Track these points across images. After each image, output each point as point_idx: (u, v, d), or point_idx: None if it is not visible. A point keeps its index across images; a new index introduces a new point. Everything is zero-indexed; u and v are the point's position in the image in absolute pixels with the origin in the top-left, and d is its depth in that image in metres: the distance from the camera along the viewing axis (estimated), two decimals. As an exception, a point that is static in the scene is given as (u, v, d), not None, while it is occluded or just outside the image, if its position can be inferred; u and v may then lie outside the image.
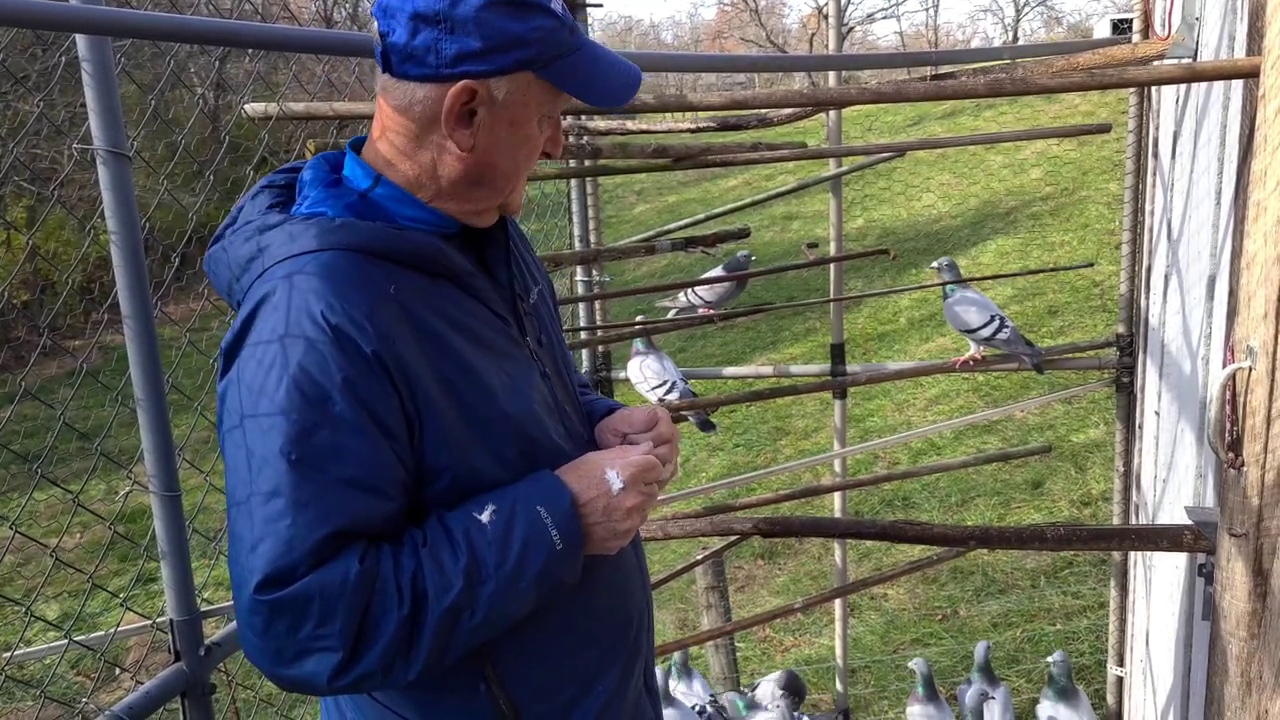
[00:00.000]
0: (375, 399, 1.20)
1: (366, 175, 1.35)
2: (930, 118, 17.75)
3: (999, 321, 3.52)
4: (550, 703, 1.38)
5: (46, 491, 7.30)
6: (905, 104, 18.02)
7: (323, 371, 1.19)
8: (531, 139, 1.34)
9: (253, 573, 1.17)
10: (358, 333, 1.20)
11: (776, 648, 5.56)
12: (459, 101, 1.27)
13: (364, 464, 1.20)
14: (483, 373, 1.30)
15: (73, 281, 2.50)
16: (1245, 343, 1.40)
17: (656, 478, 1.36)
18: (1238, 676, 1.48)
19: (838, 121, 3.97)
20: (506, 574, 1.23)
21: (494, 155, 1.32)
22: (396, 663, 1.21)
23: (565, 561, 1.28)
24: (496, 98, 1.29)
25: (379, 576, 1.19)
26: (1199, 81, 2.06)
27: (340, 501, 1.19)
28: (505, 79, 1.28)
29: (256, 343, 1.22)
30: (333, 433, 1.18)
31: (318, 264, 1.23)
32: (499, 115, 1.30)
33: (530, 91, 1.30)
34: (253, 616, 1.18)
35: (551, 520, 1.26)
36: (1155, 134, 3.49)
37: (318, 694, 1.27)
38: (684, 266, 12.20)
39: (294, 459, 1.17)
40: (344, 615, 1.17)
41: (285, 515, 1.17)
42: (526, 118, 1.32)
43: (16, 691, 5.59)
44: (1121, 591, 3.94)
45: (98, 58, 1.84)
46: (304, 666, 1.20)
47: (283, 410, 1.18)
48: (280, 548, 1.17)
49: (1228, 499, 1.47)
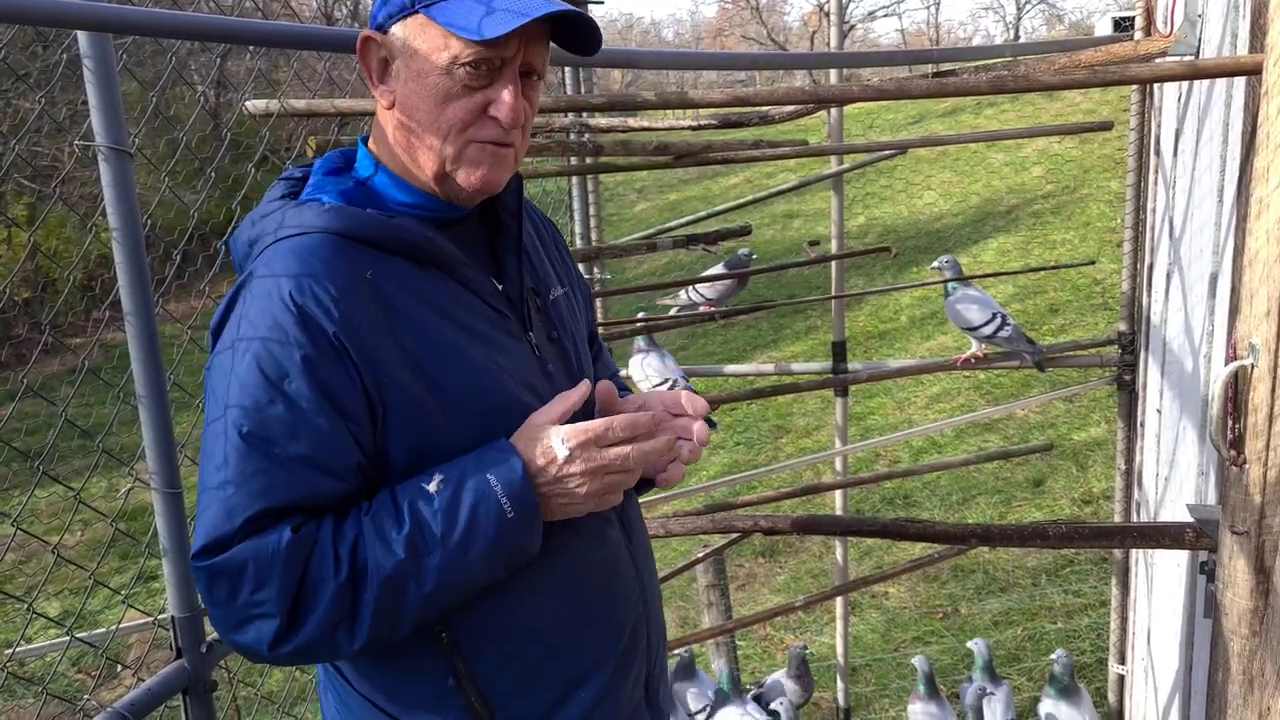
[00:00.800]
0: (334, 380, 1.22)
1: (370, 164, 1.39)
2: (931, 116, 17.75)
3: (1000, 319, 3.52)
4: (526, 704, 1.37)
5: (48, 489, 7.30)
6: (906, 102, 17.98)
7: (284, 350, 1.21)
8: (442, 88, 1.30)
9: (197, 538, 1.21)
10: (322, 314, 1.22)
11: (777, 646, 5.56)
12: (367, 55, 1.33)
13: (316, 443, 1.22)
14: (462, 360, 1.30)
15: (74, 279, 2.49)
16: (1247, 340, 1.40)
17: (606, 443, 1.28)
18: (1239, 674, 1.48)
19: (839, 119, 3.97)
20: (455, 543, 1.22)
21: (410, 107, 1.32)
22: (339, 631, 1.22)
23: (521, 530, 1.26)
24: (394, 45, 1.32)
25: (316, 543, 1.21)
26: (1201, 79, 2.06)
27: (288, 479, 1.21)
28: (400, 24, 1.31)
29: (234, 322, 1.26)
30: (287, 409, 1.21)
31: (296, 246, 1.27)
32: (407, 64, 1.31)
33: (426, 34, 1.29)
34: (198, 583, 1.23)
35: (502, 488, 1.24)
36: (1157, 131, 3.49)
37: (264, 662, 1.28)
38: (685, 264, 12.20)
39: (245, 431, 1.20)
40: (278, 581, 1.19)
41: (229, 485, 1.20)
42: (431, 65, 1.29)
43: (18, 689, 5.59)
44: (1123, 590, 3.94)
45: (99, 54, 1.84)
46: (247, 633, 1.22)
47: (243, 386, 1.21)
48: (220, 516, 1.20)
49: (1229, 497, 1.47)
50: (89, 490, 7.44)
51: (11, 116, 10.02)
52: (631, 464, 1.29)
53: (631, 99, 2.42)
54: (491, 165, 1.34)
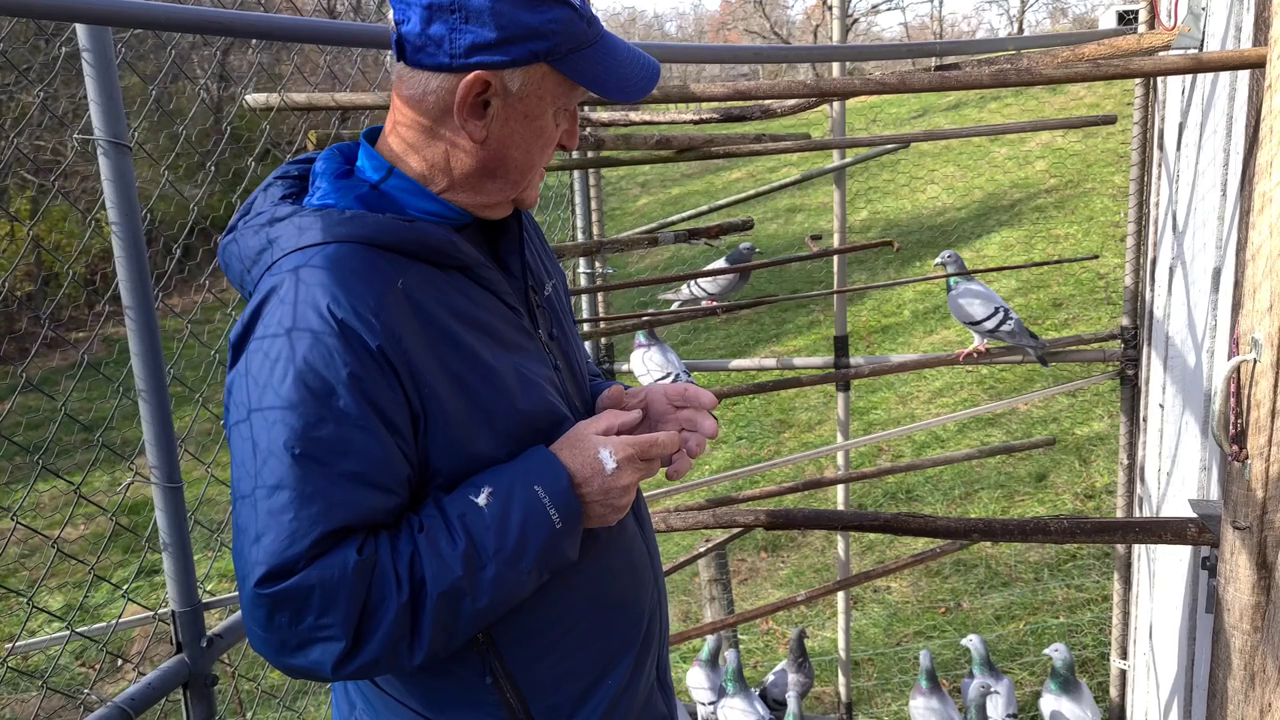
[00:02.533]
0: (380, 394, 1.20)
1: (379, 167, 1.34)
2: (934, 110, 17.73)
3: (1003, 313, 3.51)
4: (559, 695, 1.38)
5: (49, 483, 7.31)
6: (909, 97, 17.92)
7: (328, 366, 1.18)
8: (546, 131, 1.32)
9: (255, 566, 1.17)
10: (363, 327, 1.19)
11: (779, 640, 5.56)
12: (472, 92, 1.26)
13: (368, 459, 1.19)
14: (494, 366, 1.29)
15: (74, 273, 2.49)
16: (1250, 335, 1.40)
17: (653, 455, 1.34)
18: (1241, 670, 1.47)
19: (842, 113, 3.96)
20: (506, 556, 1.23)
21: (507, 148, 1.31)
22: (400, 648, 1.21)
23: (566, 539, 1.28)
24: (510, 89, 1.27)
25: (377, 564, 1.19)
26: (1205, 72, 2.05)
27: (344, 497, 1.18)
28: (520, 70, 1.26)
29: (263, 336, 1.21)
30: (337, 427, 1.18)
31: (324, 257, 1.23)
32: (513, 107, 1.28)
33: (545, 84, 1.28)
34: (256, 610, 1.18)
35: (550, 499, 1.25)
36: (1161, 125, 3.48)
37: (324, 681, 1.28)
38: (687, 259, 12.19)
39: (298, 453, 1.17)
40: (345, 605, 1.17)
41: (288, 509, 1.17)
42: (541, 110, 1.30)
43: (20, 682, 5.60)
44: (1125, 585, 3.93)
45: (98, 48, 1.84)
46: (309, 656, 1.20)
47: (288, 404, 1.17)
48: (282, 541, 1.16)
49: (1232, 492, 1.46)
50: (90, 484, 7.44)
51: (13, 110, 10.02)
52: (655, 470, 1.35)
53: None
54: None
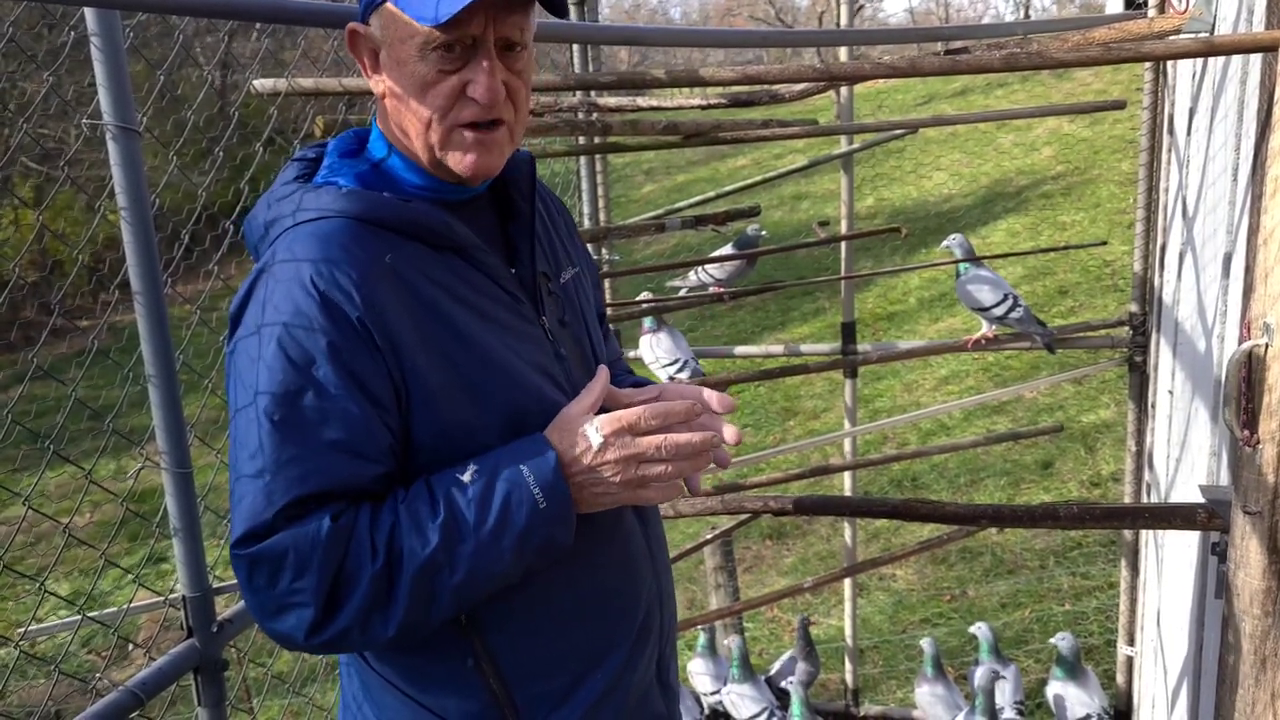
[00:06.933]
0: (361, 364, 1.22)
1: (384, 146, 1.38)
2: (940, 97, 17.65)
3: (1012, 300, 3.50)
4: (544, 684, 1.37)
5: (58, 470, 7.33)
6: (915, 84, 17.78)
7: (309, 336, 1.21)
8: (419, 75, 1.28)
9: (234, 527, 1.21)
10: (345, 299, 1.21)
11: (785, 628, 5.57)
12: (353, 46, 1.34)
13: (347, 428, 1.21)
14: (481, 345, 1.30)
15: (81, 260, 2.49)
16: (1261, 320, 1.39)
17: (639, 431, 1.27)
18: (1251, 654, 1.47)
19: (849, 99, 3.95)
20: (487, 532, 1.22)
21: (398, 96, 1.32)
22: (373, 618, 1.22)
23: (553, 521, 1.25)
24: (375, 35, 1.32)
25: (354, 532, 1.21)
26: (1216, 56, 2.04)
27: (321, 464, 1.21)
28: (375, 15, 1.31)
29: (254, 306, 1.25)
30: (317, 396, 1.20)
31: (315, 231, 1.26)
32: (390, 53, 1.31)
33: (396, 23, 1.28)
34: (237, 571, 1.23)
35: (535, 479, 1.24)
36: (1171, 110, 3.46)
37: (300, 650, 1.29)
38: (693, 245, 12.16)
39: (277, 419, 1.20)
40: (317, 570, 1.19)
41: (265, 473, 1.20)
42: (405, 55, 1.28)
43: (30, 669, 5.63)
44: (1132, 571, 3.93)
45: (106, 32, 1.84)
46: (284, 622, 1.22)
47: (271, 372, 1.21)
48: (259, 503, 1.20)
49: (1242, 477, 1.46)
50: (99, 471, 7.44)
51: (18, 98, 10.02)
52: (665, 454, 1.27)
53: (641, 77, 2.40)
54: (480, 151, 1.32)
